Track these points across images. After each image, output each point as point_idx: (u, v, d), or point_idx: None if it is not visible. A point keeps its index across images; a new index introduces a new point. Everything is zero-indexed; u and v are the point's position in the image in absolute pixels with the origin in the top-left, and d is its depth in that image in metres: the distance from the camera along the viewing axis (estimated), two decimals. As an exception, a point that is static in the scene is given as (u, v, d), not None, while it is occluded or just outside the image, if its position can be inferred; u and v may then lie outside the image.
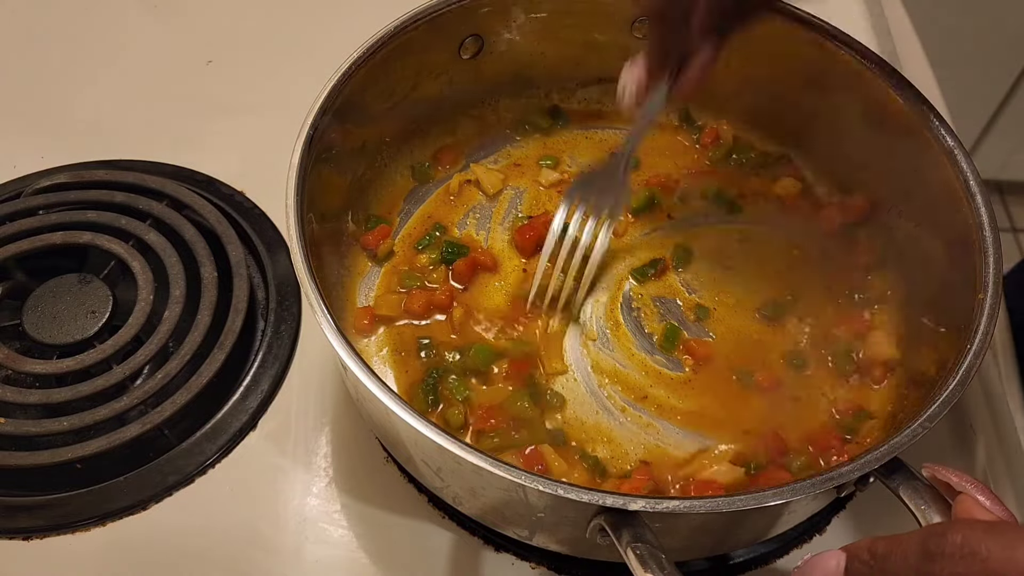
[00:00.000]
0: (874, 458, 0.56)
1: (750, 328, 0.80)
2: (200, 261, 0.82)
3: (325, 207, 0.78)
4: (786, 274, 0.83)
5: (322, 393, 0.80)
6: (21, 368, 0.77)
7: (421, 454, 0.63)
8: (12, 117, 1.01)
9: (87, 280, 0.81)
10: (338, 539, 0.72)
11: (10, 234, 0.84)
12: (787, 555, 0.73)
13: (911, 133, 0.76)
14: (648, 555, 0.52)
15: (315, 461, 0.76)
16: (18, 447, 0.74)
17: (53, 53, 1.07)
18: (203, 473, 0.75)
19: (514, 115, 0.94)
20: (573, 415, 0.74)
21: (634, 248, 0.85)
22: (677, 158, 0.92)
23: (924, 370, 0.72)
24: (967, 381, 0.60)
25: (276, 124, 0.97)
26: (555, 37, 0.90)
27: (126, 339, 0.78)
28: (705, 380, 0.77)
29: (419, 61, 0.83)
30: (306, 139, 0.71)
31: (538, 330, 0.78)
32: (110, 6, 1.12)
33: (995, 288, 0.65)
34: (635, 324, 0.80)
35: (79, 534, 0.72)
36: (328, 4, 1.12)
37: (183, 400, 0.75)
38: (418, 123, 0.89)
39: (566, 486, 0.54)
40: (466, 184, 0.88)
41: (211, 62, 1.06)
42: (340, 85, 0.74)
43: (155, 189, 0.88)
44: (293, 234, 0.65)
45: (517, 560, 0.72)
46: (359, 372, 0.59)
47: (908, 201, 0.79)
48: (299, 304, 0.84)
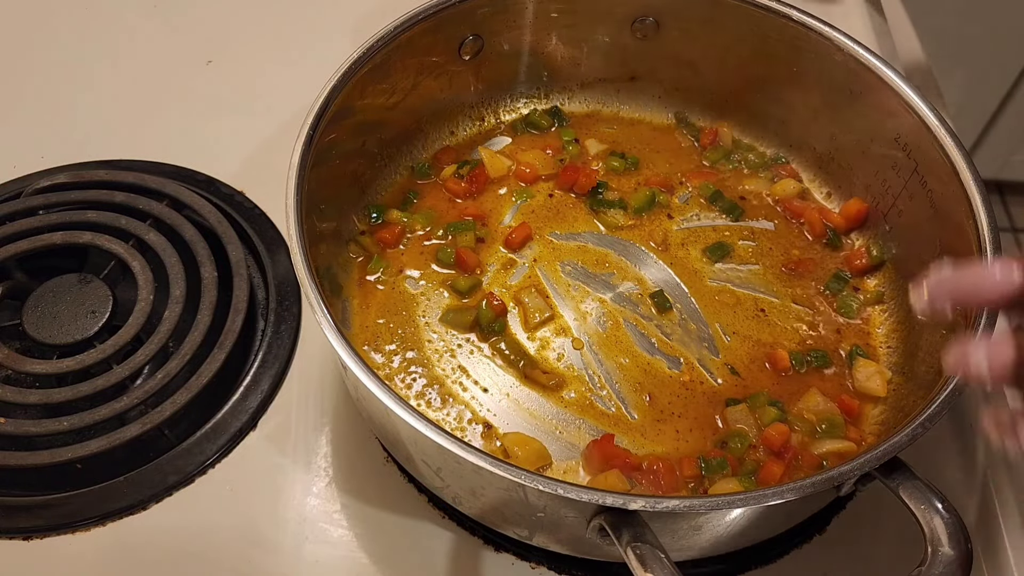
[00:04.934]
0: (874, 458, 0.56)
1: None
2: (200, 261, 0.82)
3: (325, 207, 0.78)
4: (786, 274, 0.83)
5: (322, 393, 0.80)
6: (21, 368, 0.76)
7: (421, 454, 0.63)
8: (12, 117, 1.01)
9: (87, 280, 0.81)
10: (338, 539, 0.72)
11: (10, 234, 0.84)
12: (787, 555, 0.73)
13: (911, 134, 0.76)
14: (648, 555, 0.52)
15: (315, 461, 0.76)
16: (18, 447, 0.73)
17: (53, 53, 1.07)
18: (203, 473, 0.75)
19: (514, 116, 0.94)
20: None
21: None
22: (676, 158, 0.92)
23: (923, 371, 0.72)
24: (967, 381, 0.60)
25: (276, 124, 0.99)
26: (555, 37, 0.90)
27: (126, 339, 0.78)
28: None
29: (419, 61, 0.83)
30: (306, 139, 0.71)
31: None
32: (110, 6, 1.12)
33: (995, 288, 0.65)
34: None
35: (79, 534, 0.72)
36: (328, 4, 1.12)
37: (183, 400, 0.75)
38: (418, 123, 0.89)
39: (566, 486, 0.54)
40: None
41: (211, 62, 1.06)
42: (340, 85, 0.74)
43: (155, 189, 0.88)
44: (293, 234, 0.65)
45: (517, 560, 0.72)
46: (359, 372, 0.59)
47: (907, 201, 0.79)
48: (299, 304, 0.84)
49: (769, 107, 0.90)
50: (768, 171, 0.90)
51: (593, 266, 0.84)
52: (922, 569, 0.54)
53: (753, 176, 0.90)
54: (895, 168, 0.79)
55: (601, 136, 0.93)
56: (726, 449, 0.72)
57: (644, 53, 0.91)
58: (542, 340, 0.79)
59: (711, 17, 0.86)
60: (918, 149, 0.76)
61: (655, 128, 0.95)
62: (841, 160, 0.87)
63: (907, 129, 0.76)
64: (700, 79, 0.92)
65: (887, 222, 0.82)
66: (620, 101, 0.95)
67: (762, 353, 0.78)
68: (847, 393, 0.76)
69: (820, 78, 0.83)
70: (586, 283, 0.83)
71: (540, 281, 0.83)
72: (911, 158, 0.77)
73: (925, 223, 0.77)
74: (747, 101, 0.91)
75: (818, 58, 0.81)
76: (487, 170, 0.89)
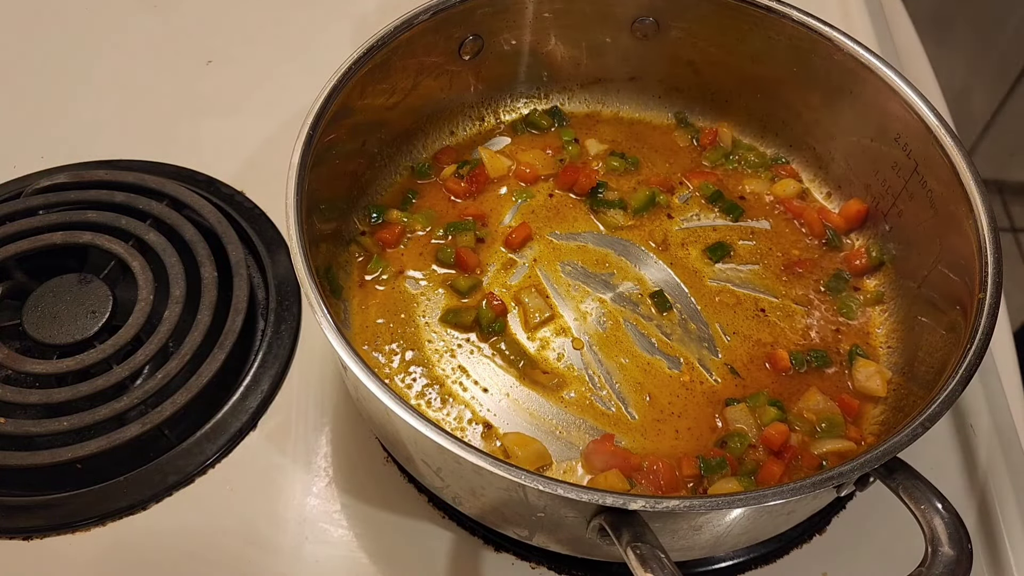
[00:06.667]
0: (874, 458, 0.56)
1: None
2: (200, 261, 0.82)
3: (325, 207, 0.78)
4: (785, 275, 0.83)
5: (322, 393, 0.80)
6: (21, 368, 0.76)
7: (421, 454, 0.63)
8: (12, 117, 1.01)
9: (87, 280, 0.81)
10: (338, 539, 0.72)
11: (10, 234, 0.84)
12: (787, 555, 0.73)
13: (911, 134, 0.76)
14: (648, 554, 0.52)
15: (315, 461, 0.76)
16: (18, 447, 0.73)
17: (53, 53, 1.07)
18: (203, 473, 0.75)
19: (514, 116, 0.94)
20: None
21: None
22: (676, 158, 0.92)
23: (923, 371, 0.72)
24: (967, 381, 0.60)
25: (276, 124, 0.99)
26: (555, 37, 0.90)
27: (126, 339, 0.78)
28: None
29: (419, 61, 0.83)
30: (306, 139, 0.71)
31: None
32: (110, 6, 1.12)
33: (995, 288, 0.65)
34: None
35: (79, 534, 0.72)
36: (328, 4, 1.12)
37: (183, 400, 0.75)
38: (418, 123, 0.89)
39: (566, 486, 0.54)
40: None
41: (211, 62, 1.06)
42: (340, 85, 0.74)
43: (155, 189, 0.88)
44: (293, 234, 0.65)
45: (517, 560, 0.72)
46: (359, 372, 0.59)
47: (907, 201, 0.79)
48: (299, 304, 0.84)
49: (769, 107, 0.90)
50: (768, 171, 0.90)
51: (593, 266, 0.84)
52: (922, 569, 0.54)
53: (753, 176, 0.90)
54: (895, 168, 0.79)
55: (601, 136, 0.93)
56: (726, 449, 0.72)
57: (644, 53, 0.91)
58: (542, 340, 0.79)
59: (711, 17, 0.86)
60: (918, 149, 0.76)
61: (655, 128, 0.95)
62: (841, 160, 0.87)
63: (907, 129, 0.76)
64: (700, 79, 0.92)
65: (887, 222, 0.82)
66: (620, 101, 0.95)
67: (762, 353, 0.78)
68: (847, 393, 0.76)
69: (820, 78, 0.83)
70: (586, 283, 0.83)
71: (540, 281, 0.83)
72: (911, 158, 0.77)
73: (925, 223, 0.77)
74: (747, 101, 0.91)
75: (818, 58, 0.81)
76: (487, 170, 0.89)
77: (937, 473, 0.77)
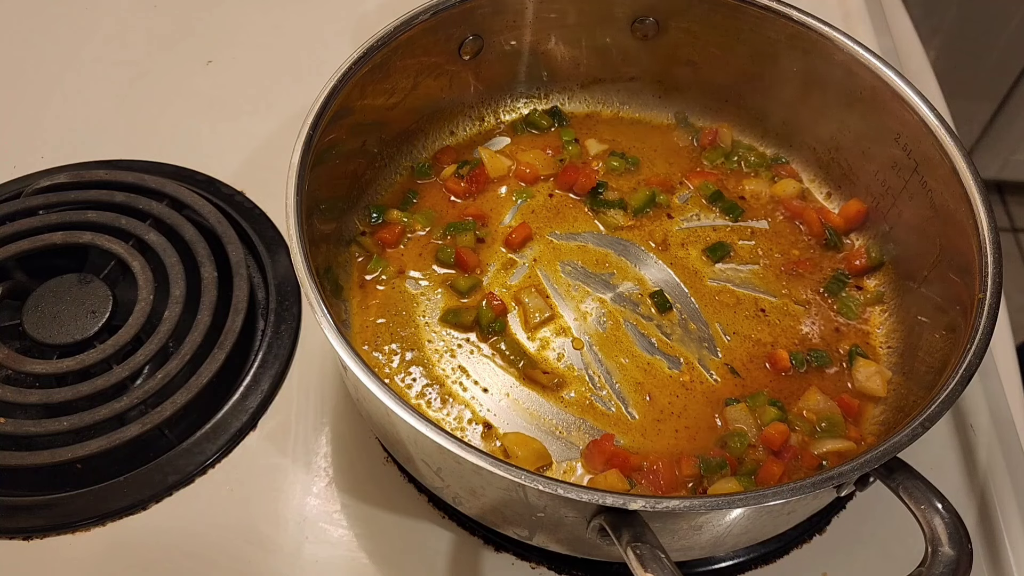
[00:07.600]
0: (874, 458, 0.56)
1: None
2: (200, 261, 0.82)
3: (325, 207, 0.78)
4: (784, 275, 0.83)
5: (322, 393, 0.80)
6: (21, 368, 0.76)
7: (421, 454, 0.63)
8: (12, 117, 1.01)
9: (87, 280, 0.81)
10: (338, 539, 0.72)
11: (10, 234, 0.84)
12: (787, 555, 0.73)
13: (911, 134, 0.76)
14: (648, 555, 0.52)
15: (315, 461, 0.76)
16: (18, 447, 0.74)
17: (53, 53, 1.07)
18: (203, 473, 0.75)
19: (514, 116, 0.94)
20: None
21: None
22: (676, 158, 0.92)
23: (923, 371, 0.72)
24: (967, 381, 0.60)
25: (276, 124, 0.99)
26: (555, 37, 0.90)
27: (126, 339, 0.78)
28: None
29: (419, 61, 0.83)
30: (306, 139, 0.71)
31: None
32: (110, 6, 1.12)
33: (995, 288, 0.65)
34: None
35: (79, 534, 0.72)
36: (328, 4, 1.12)
37: (183, 400, 0.75)
38: (418, 123, 0.89)
39: (566, 486, 0.54)
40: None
41: (211, 62, 1.06)
42: (340, 85, 0.74)
43: (155, 189, 0.88)
44: (293, 234, 0.65)
45: (517, 560, 0.72)
46: (359, 372, 0.59)
47: (907, 201, 0.79)
48: (299, 304, 0.84)
49: (769, 107, 0.90)
50: (768, 171, 0.90)
51: (593, 266, 0.84)
52: (922, 569, 0.54)
53: (753, 176, 0.90)
54: (895, 168, 0.79)
55: (601, 136, 0.93)
56: (726, 449, 0.72)
57: (644, 53, 0.91)
58: (542, 340, 0.79)
59: (711, 17, 0.86)
60: (918, 149, 0.76)
61: (655, 128, 0.95)
62: (841, 160, 0.87)
63: (907, 129, 0.76)
64: (700, 79, 0.92)
65: (887, 222, 0.82)
66: (620, 101, 0.95)
67: (762, 353, 0.78)
68: (847, 393, 0.76)
69: (820, 78, 0.83)
70: (586, 283, 0.83)
71: (540, 281, 0.83)
72: (911, 158, 0.77)
73: (925, 223, 0.77)
74: (747, 101, 0.91)
75: (818, 58, 0.81)
76: (487, 170, 0.89)
77: (937, 473, 0.77)
